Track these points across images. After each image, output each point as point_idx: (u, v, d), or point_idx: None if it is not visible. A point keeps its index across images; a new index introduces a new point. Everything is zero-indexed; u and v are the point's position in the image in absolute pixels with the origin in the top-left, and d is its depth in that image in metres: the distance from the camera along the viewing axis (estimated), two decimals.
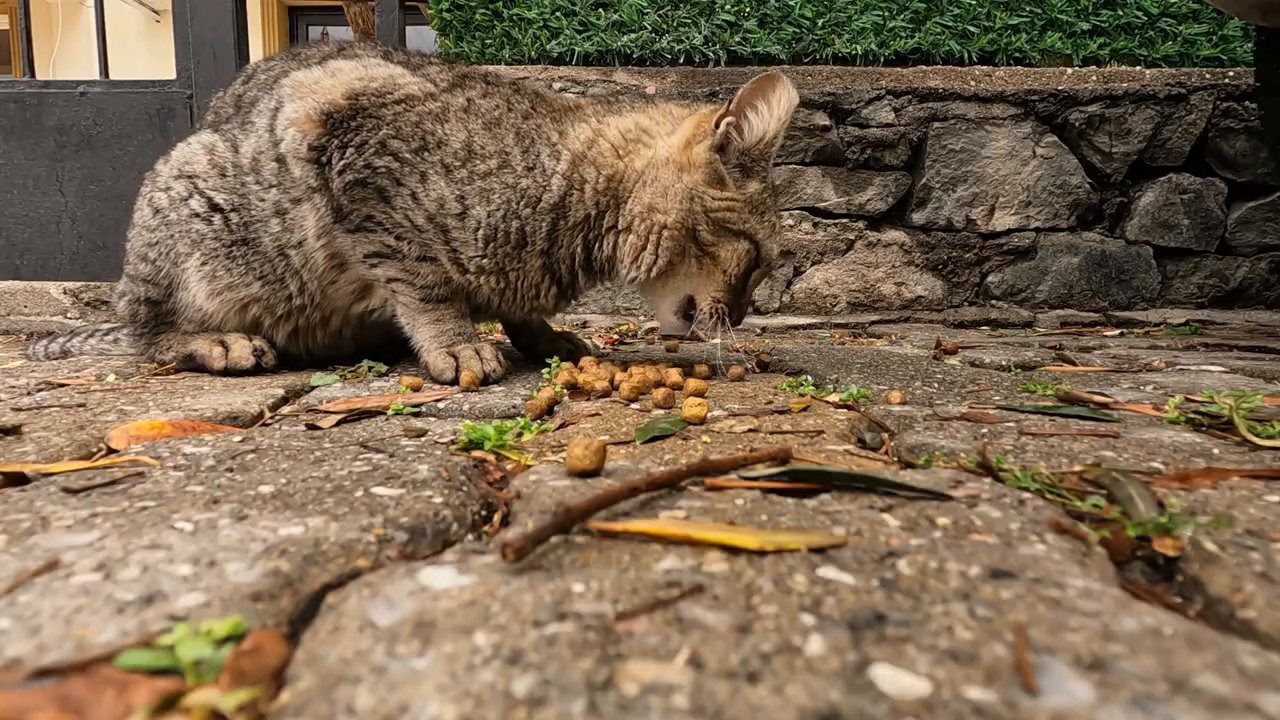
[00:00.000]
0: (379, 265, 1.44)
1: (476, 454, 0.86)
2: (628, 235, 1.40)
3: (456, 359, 1.37)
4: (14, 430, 0.94)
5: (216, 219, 1.50)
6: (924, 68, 2.95)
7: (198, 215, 1.50)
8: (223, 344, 1.51)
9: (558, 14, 2.95)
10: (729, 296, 1.42)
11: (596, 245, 1.44)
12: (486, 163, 1.39)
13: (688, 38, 2.94)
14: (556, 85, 2.86)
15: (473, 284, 1.44)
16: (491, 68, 2.84)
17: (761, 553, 0.54)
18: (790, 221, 2.88)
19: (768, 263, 1.45)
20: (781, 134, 1.40)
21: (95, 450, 0.91)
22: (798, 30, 2.97)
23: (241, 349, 1.49)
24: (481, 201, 1.38)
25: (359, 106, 1.39)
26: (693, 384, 1.24)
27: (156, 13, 8.62)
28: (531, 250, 1.42)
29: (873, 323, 2.81)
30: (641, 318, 2.92)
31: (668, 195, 1.38)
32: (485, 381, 1.36)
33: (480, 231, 1.39)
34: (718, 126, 1.37)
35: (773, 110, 1.36)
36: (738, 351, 1.91)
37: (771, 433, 0.97)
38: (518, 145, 1.40)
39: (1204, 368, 1.55)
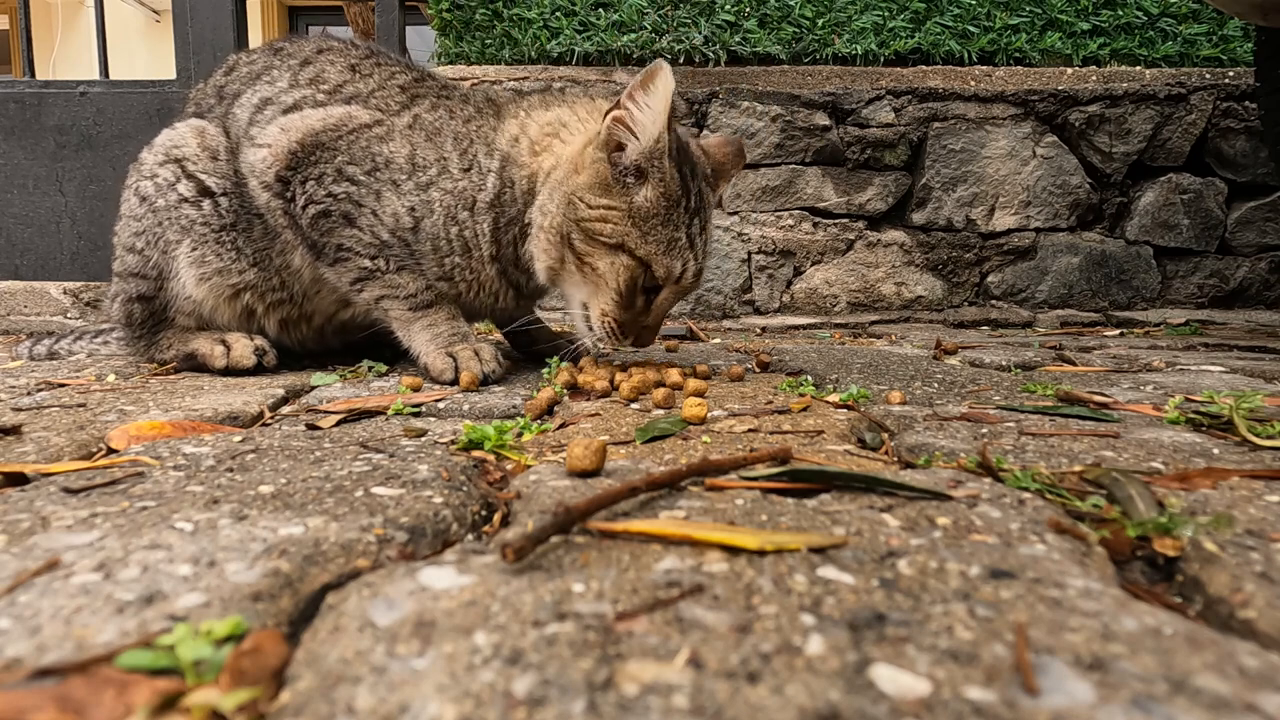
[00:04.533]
0: (364, 289, 1.46)
1: (476, 454, 0.86)
2: (534, 234, 1.38)
3: (455, 359, 1.38)
4: (14, 430, 0.94)
5: (206, 204, 1.50)
6: (924, 68, 2.94)
7: (186, 200, 1.50)
8: (224, 343, 1.51)
9: (558, 14, 2.95)
10: (618, 312, 1.32)
11: (521, 243, 1.42)
12: (427, 172, 1.40)
13: (688, 38, 2.94)
14: (556, 86, 2.86)
15: (442, 291, 1.46)
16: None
17: (761, 553, 0.54)
18: (790, 222, 2.88)
19: (672, 281, 1.31)
20: (664, 129, 1.23)
21: (95, 450, 0.91)
22: (798, 30, 2.97)
23: (243, 348, 1.49)
24: (427, 212, 1.40)
25: (318, 142, 1.43)
26: (693, 384, 1.24)
27: (156, 13, 8.61)
28: (480, 256, 1.42)
29: (873, 323, 2.81)
30: None
31: (553, 197, 1.33)
32: (485, 382, 1.36)
33: (429, 243, 1.41)
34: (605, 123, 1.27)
35: (654, 102, 1.21)
36: (738, 351, 1.91)
37: (771, 433, 0.97)
38: (455, 149, 1.41)
39: (1204, 368, 1.55)
